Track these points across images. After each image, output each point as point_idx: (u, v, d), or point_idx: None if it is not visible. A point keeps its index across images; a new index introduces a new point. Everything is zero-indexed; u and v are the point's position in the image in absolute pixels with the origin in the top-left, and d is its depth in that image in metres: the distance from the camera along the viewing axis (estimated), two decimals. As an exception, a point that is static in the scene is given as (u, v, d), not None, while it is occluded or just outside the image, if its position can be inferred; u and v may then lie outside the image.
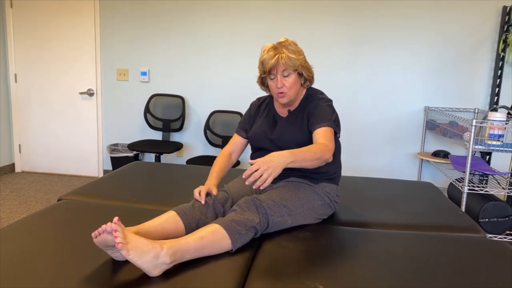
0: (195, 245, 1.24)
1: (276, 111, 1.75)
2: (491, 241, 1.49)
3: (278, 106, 1.74)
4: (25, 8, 4.03)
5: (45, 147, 4.24)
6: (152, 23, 3.85)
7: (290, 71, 1.58)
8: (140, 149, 3.50)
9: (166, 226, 1.37)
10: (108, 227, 1.12)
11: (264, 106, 1.80)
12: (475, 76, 3.45)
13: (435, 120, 3.44)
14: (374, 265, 1.27)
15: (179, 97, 3.86)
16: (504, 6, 3.30)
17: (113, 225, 1.12)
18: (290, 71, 1.58)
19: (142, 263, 1.12)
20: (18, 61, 4.14)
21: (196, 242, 1.24)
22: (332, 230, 1.54)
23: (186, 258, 1.23)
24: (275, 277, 1.18)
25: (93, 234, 1.17)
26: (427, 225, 1.68)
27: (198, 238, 1.26)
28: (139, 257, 1.11)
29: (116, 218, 1.14)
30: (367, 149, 3.69)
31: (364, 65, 3.58)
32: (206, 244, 1.26)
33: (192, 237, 1.26)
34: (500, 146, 2.57)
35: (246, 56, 3.75)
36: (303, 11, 3.60)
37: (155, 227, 1.35)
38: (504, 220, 2.64)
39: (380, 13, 3.49)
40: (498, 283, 1.19)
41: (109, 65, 4.00)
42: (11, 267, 1.16)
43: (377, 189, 2.15)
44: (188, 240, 1.24)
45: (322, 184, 1.66)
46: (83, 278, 1.12)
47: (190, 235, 1.27)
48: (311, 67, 1.66)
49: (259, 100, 1.84)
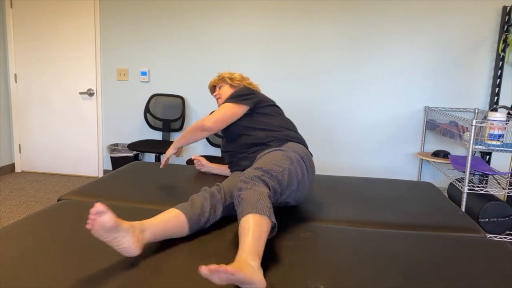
0: (253, 241, 1.19)
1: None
2: (491, 241, 1.49)
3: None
4: (25, 8, 4.03)
5: (45, 147, 4.24)
6: (152, 23, 3.85)
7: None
8: (140, 149, 3.50)
9: (169, 223, 1.36)
10: (98, 208, 1.10)
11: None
12: (475, 76, 3.45)
13: (435, 120, 3.44)
14: (374, 265, 1.27)
15: (179, 97, 3.86)
16: (504, 6, 3.30)
17: (100, 205, 1.11)
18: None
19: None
20: (18, 61, 4.14)
21: (253, 238, 1.20)
22: (332, 230, 1.54)
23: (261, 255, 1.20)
24: (275, 277, 1.18)
25: (87, 225, 1.12)
26: (427, 225, 1.68)
27: (249, 235, 1.21)
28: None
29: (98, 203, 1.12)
30: (367, 149, 3.69)
31: (364, 65, 3.58)
32: (261, 236, 1.22)
33: (248, 238, 1.20)
34: (500, 146, 2.57)
35: (246, 56, 3.75)
36: (303, 11, 3.60)
37: (159, 223, 1.34)
38: (504, 220, 2.64)
39: (380, 13, 3.49)
40: (498, 283, 1.19)
41: (109, 65, 4.00)
42: (11, 267, 1.16)
43: (377, 189, 2.15)
44: (246, 240, 1.19)
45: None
46: (84, 278, 1.12)
47: (245, 236, 1.20)
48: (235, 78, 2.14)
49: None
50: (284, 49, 3.68)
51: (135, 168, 2.38)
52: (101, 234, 1.14)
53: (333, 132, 3.72)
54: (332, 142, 3.73)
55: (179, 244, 1.36)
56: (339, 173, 3.76)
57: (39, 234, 1.39)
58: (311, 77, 3.68)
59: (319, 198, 1.95)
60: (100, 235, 1.14)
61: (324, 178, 2.34)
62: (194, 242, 1.38)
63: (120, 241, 1.17)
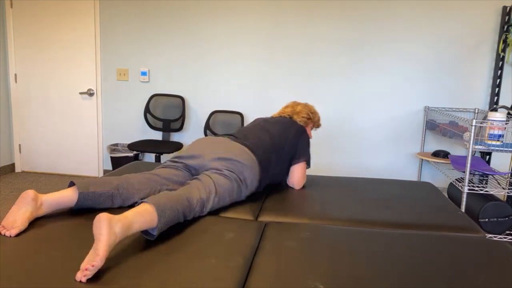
0: (132, 216, 1.29)
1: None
2: (491, 241, 1.49)
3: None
4: (25, 8, 4.03)
5: (45, 147, 4.24)
6: (152, 23, 3.85)
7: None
8: (140, 149, 3.50)
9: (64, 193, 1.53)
10: (27, 194, 1.37)
11: None
12: (475, 76, 3.45)
13: (435, 120, 3.44)
14: (374, 265, 1.27)
15: (179, 97, 3.86)
16: (504, 6, 3.30)
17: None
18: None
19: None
20: (18, 61, 4.14)
21: (133, 214, 1.31)
22: (332, 230, 1.54)
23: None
24: (275, 277, 1.18)
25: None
26: (427, 225, 1.68)
27: (134, 211, 1.35)
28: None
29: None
30: (367, 149, 3.69)
31: (364, 65, 3.58)
32: (141, 219, 1.32)
33: (131, 212, 1.32)
34: (500, 146, 2.57)
35: (246, 56, 3.75)
36: (303, 12, 3.60)
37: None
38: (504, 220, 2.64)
39: (380, 13, 3.49)
40: (498, 283, 1.19)
41: (109, 65, 4.00)
42: (11, 267, 1.16)
43: (377, 189, 2.15)
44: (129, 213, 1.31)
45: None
46: (83, 278, 1.12)
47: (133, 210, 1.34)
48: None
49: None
50: (285, 50, 3.68)
51: (135, 168, 2.38)
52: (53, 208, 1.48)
53: (333, 132, 3.72)
54: (332, 142, 3.73)
55: (175, 243, 1.36)
56: (339, 173, 3.76)
57: (39, 234, 1.39)
58: (311, 77, 3.68)
59: (319, 198, 1.95)
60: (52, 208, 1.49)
61: (324, 178, 2.35)
62: (193, 242, 1.38)
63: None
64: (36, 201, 1.43)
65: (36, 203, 1.43)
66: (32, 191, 1.43)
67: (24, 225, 1.39)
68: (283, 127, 2.10)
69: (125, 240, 1.35)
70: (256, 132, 2.03)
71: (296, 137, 2.10)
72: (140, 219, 1.28)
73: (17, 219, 1.38)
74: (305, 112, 2.25)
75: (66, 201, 1.51)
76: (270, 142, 1.98)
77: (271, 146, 1.97)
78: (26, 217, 1.40)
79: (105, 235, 1.14)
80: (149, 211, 1.32)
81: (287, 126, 2.12)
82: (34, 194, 1.43)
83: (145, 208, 1.33)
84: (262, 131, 2.04)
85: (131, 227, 1.24)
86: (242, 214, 1.71)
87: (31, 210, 1.42)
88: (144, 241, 1.36)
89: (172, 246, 1.33)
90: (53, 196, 1.49)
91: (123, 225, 1.21)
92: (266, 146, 1.95)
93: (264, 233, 1.51)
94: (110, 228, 1.16)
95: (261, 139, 1.97)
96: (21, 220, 1.39)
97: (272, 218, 1.70)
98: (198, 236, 1.42)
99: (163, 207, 1.37)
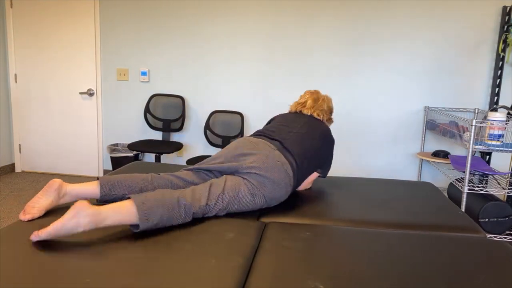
0: (111, 209, 1.36)
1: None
2: (491, 241, 1.49)
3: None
4: (25, 8, 4.03)
5: (45, 147, 4.24)
6: (152, 23, 3.85)
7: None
8: (140, 149, 3.50)
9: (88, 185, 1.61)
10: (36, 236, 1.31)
11: None
12: (475, 76, 3.45)
13: (435, 120, 3.44)
14: (374, 265, 1.27)
15: (179, 97, 3.86)
16: (504, 6, 3.30)
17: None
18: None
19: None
20: (18, 61, 4.14)
21: (112, 209, 1.37)
22: (332, 230, 1.54)
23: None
24: (275, 277, 1.18)
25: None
26: (427, 225, 1.68)
27: (115, 206, 1.41)
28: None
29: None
30: (367, 149, 3.69)
31: (364, 65, 3.58)
32: (119, 213, 1.38)
33: (112, 206, 1.38)
34: (500, 146, 2.57)
35: (246, 56, 3.75)
36: (303, 12, 3.60)
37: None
38: (504, 220, 2.64)
39: (380, 13, 3.49)
40: (498, 283, 1.19)
41: (109, 65, 4.00)
42: (11, 267, 1.16)
43: (377, 189, 2.15)
44: (109, 206, 1.37)
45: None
46: (84, 278, 1.12)
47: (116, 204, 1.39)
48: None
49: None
50: (284, 49, 3.68)
51: (135, 168, 2.38)
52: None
53: (333, 132, 3.72)
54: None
55: (175, 243, 1.36)
56: (339, 173, 3.76)
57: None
58: (311, 77, 3.68)
59: (319, 198, 1.95)
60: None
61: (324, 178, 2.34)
62: (193, 242, 1.38)
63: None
64: (60, 190, 1.53)
65: (60, 193, 1.53)
66: (59, 180, 1.52)
67: (40, 213, 1.49)
68: (320, 136, 1.94)
69: (125, 240, 1.36)
70: (299, 140, 1.86)
71: (321, 144, 1.94)
72: (115, 216, 1.34)
73: (35, 206, 1.49)
74: (330, 112, 2.13)
75: (88, 195, 1.59)
76: (312, 155, 1.86)
77: (312, 158, 1.86)
78: (45, 206, 1.50)
79: (64, 219, 1.27)
80: (128, 209, 1.36)
81: (319, 133, 1.95)
82: (59, 184, 1.52)
83: (125, 203, 1.37)
84: (305, 139, 1.88)
85: (102, 222, 1.31)
86: (242, 214, 1.71)
87: (52, 199, 1.51)
88: (144, 241, 1.36)
89: (172, 246, 1.33)
90: (77, 189, 1.57)
91: (91, 221, 1.29)
92: (307, 158, 1.83)
93: (264, 233, 1.51)
94: (74, 217, 1.27)
95: (304, 148, 1.84)
96: (38, 208, 1.49)
97: (272, 218, 1.70)
98: (198, 236, 1.42)
99: (148, 206, 1.38)
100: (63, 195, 1.54)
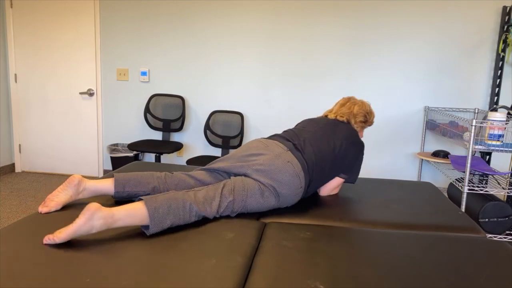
0: (125, 210, 1.39)
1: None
2: (491, 241, 1.49)
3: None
4: (25, 8, 4.03)
5: (45, 147, 4.24)
6: (152, 23, 3.85)
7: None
8: (140, 149, 3.50)
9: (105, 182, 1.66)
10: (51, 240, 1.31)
11: None
12: (475, 76, 3.45)
13: (435, 120, 3.44)
14: (374, 264, 1.27)
15: (179, 97, 3.86)
16: (504, 6, 3.30)
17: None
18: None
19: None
20: (18, 61, 4.14)
21: (126, 210, 1.40)
22: (332, 230, 1.54)
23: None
24: (275, 277, 1.18)
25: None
26: (427, 225, 1.68)
27: (129, 206, 1.42)
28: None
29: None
30: (367, 149, 3.69)
31: (364, 65, 3.58)
32: (131, 215, 1.39)
33: (126, 206, 1.40)
34: (500, 146, 2.57)
35: (246, 56, 3.75)
36: (303, 11, 3.60)
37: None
38: (504, 220, 2.64)
39: (381, 13, 3.49)
40: (498, 283, 1.19)
41: (109, 65, 4.00)
42: (11, 267, 1.16)
43: (377, 189, 2.15)
44: (124, 206, 1.40)
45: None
46: (84, 278, 1.12)
47: (129, 205, 1.42)
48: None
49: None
50: (284, 50, 3.68)
51: (135, 168, 2.37)
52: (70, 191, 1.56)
53: (333, 132, 3.72)
54: (332, 142, 3.73)
55: (175, 243, 1.36)
56: (339, 173, 3.76)
57: (39, 234, 1.38)
58: (311, 77, 3.68)
59: (319, 199, 1.95)
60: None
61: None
62: (193, 242, 1.38)
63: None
64: (79, 186, 1.58)
65: (79, 188, 1.58)
66: (78, 176, 1.58)
67: (57, 207, 1.55)
68: (343, 138, 1.89)
69: (125, 240, 1.36)
70: (313, 140, 1.84)
71: (342, 145, 1.87)
72: (127, 218, 1.35)
73: (54, 200, 1.56)
74: (362, 115, 2.02)
75: (105, 191, 1.65)
76: (330, 156, 1.83)
77: (330, 160, 1.83)
78: (63, 200, 1.56)
79: (78, 223, 1.27)
80: (141, 211, 1.38)
81: (342, 136, 1.90)
82: (79, 180, 1.57)
83: (138, 207, 1.38)
84: (321, 140, 1.85)
85: (114, 223, 1.33)
86: (243, 214, 1.71)
87: (71, 194, 1.57)
88: (145, 241, 1.36)
89: (172, 246, 1.33)
90: (95, 185, 1.62)
91: (104, 223, 1.30)
92: (322, 159, 1.80)
93: (264, 233, 1.51)
94: (89, 220, 1.28)
95: (319, 149, 1.81)
96: (57, 202, 1.56)
97: (272, 218, 1.70)
98: (198, 236, 1.42)
99: (160, 213, 1.41)
100: (81, 191, 1.59)
